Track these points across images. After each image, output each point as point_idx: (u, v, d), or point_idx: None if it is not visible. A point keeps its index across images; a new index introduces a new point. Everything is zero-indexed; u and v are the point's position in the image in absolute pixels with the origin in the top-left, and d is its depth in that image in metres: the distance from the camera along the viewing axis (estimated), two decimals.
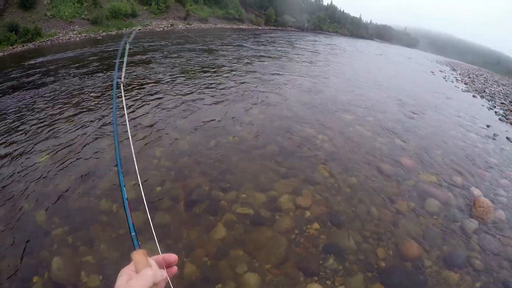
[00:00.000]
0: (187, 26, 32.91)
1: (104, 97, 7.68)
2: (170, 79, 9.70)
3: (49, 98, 7.83)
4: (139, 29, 26.12)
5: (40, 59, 14.11)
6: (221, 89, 8.97)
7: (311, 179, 4.75)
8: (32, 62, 13.55)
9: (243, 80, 10.30)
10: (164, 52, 14.98)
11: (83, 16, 24.10)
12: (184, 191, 4.17)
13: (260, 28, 47.75)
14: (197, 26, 34.64)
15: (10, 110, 7.18)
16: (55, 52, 15.20)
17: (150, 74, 10.27)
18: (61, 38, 20.70)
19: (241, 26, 43.53)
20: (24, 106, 7.42)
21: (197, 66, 12.05)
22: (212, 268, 3.11)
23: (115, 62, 11.33)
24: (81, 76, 9.96)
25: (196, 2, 38.41)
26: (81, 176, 4.44)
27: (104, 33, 23.15)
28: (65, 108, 7.01)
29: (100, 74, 10.24)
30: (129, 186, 4.17)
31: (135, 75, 9.95)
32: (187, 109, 7.02)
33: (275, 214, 3.91)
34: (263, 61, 14.84)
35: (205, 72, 11.12)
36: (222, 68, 12.17)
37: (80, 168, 4.63)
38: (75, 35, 21.59)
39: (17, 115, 6.86)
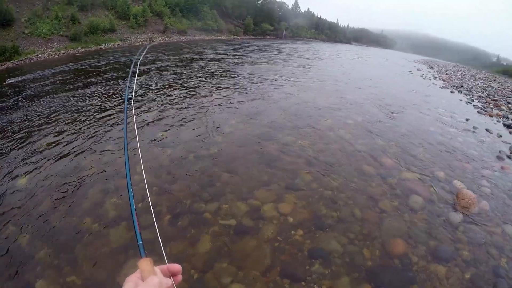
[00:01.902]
0: (166, 39, 32.85)
1: (83, 115, 7.52)
2: (150, 94, 9.60)
3: (29, 118, 7.62)
4: (117, 44, 25.91)
5: (19, 78, 13.77)
6: (199, 100, 8.92)
7: (293, 185, 4.75)
8: (11, 81, 13.21)
9: (221, 90, 10.29)
10: (145, 67, 14.87)
11: (61, 32, 23.72)
12: (166, 206, 4.10)
13: (239, 38, 48.02)
14: (176, 38, 34.61)
15: None
16: (35, 71, 14.83)
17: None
18: (39, 56, 20.32)
19: (220, 37, 43.72)
20: (2, 126, 7.21)
21: (176, 80, 11.97)
22: (198, 281, 3.06)
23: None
24: (61, 95, 9.76)
25: (175, 15, 38.44)
26: (63, 196, 4.32)
27: (83, 50, 22.85)
28: (44, 128, 6.82)
29: (80, 92, 10.04)
30: (109, 203, 4.09)
31: (114, 91, 9.83)
32: (166, 123, 6.95)
33: (259, 222, 3.88)
34: (239, 70, 14.90)
35: (184, 85, 11.04)
36: (199, 79, 12.11)
37: (61, 188, 4.51)
38: (54, 52, 21.23)
39: None
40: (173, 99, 8.93)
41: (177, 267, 0.81)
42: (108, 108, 8.02)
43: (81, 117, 7.32)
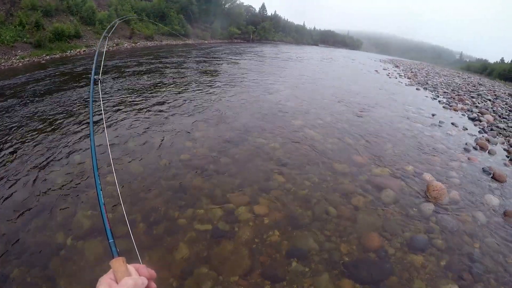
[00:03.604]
0: (133, 44, 32.18)
1: (53, 125, 7.20)
2: (117, 100, 9.34)
3: None
4: (83, 51, 25.13)
5: None
6: (169, 106, 8.75)
7: (266, 187, 4.76)
8: None
9: (189, 96, 10.17)
10: (114, 73, 14.49)
11: (25, 39, 22.55)
12: (141, 215, 3.98)
13: (206, 42, 47.75)
14: (143, 44, 33.97)
15: None
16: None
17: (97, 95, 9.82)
18: (3, 64, 19.26)
19: (187, 42, 43.15)
20: None
21: (144, 85, 11.71)
22: None
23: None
24: (27, 105, 9.33)
25: (141, 20, 37.78)
26: (33, 211, 4.10)
27: (48, 57, 21.88)
28: (10, 140, 6.47)
29: (47, 101, 9.63)
30: (82, 216, 3.93)
31: (80, 98, 9.50)
32: (137, 130, 6.76)
33: (235, 226, 3.85)
34: (207, 75, 14.87)
35: (153, 90, 10.79)
36: (167, 85, 11.89)
37: (30, 203, 4.27)
38: (18, 60, 20.17)
39: None
40: (142, 105, 8.71)
41: (150, 272, 0.77)
42: (76, 115, 7.73)
43: (51, 127, 7.01)
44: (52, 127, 6.93)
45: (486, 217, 4.49)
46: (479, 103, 14.22)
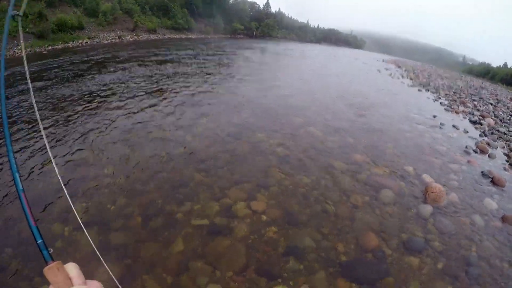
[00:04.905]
0: (135, 37, 32.10)
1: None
2: (119, 94, 9.28)
3: None
4: (86, 42, 25.05)
5: None
6: (168, 100, 8.71)
7: (264, 183, 4.74)
8: None
9: (191, 90, 10.14)
10: (117, 66, 14.44)
11: (27, 29, 22.57)
12: (138, 208, 3.96)
13: (209, 37, 47.72)
14: (145, 37, 33.92)
15: None
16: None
17: (96, 89, 9.79)
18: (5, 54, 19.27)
19: (190, 36, 43.22)
20: None
21: (145, 80, 11.65)
22: (173, 284, 2.97)
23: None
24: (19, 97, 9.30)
25: (144, 13, 37.64)
26: (30, 201, 4.05)
27: (50, 47, 21.83)
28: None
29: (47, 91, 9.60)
30: (80, 207, 3.91)
31: (80, 91, 9.46)
32: (136, 123, 6.73)
33: (232, 221, 3.84)
34: (207, 69, 14.80)
35: (150, 85, 10.72)
36: (168, 78, 11.88)
37: (28, 194, 4.24)
38: (20, 51, 20.20)
39: None
40: (142, 98, 8.68)
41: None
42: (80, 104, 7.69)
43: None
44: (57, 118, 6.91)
45: (484, 221, 4.48)
46: (480, 107, 14.20)
